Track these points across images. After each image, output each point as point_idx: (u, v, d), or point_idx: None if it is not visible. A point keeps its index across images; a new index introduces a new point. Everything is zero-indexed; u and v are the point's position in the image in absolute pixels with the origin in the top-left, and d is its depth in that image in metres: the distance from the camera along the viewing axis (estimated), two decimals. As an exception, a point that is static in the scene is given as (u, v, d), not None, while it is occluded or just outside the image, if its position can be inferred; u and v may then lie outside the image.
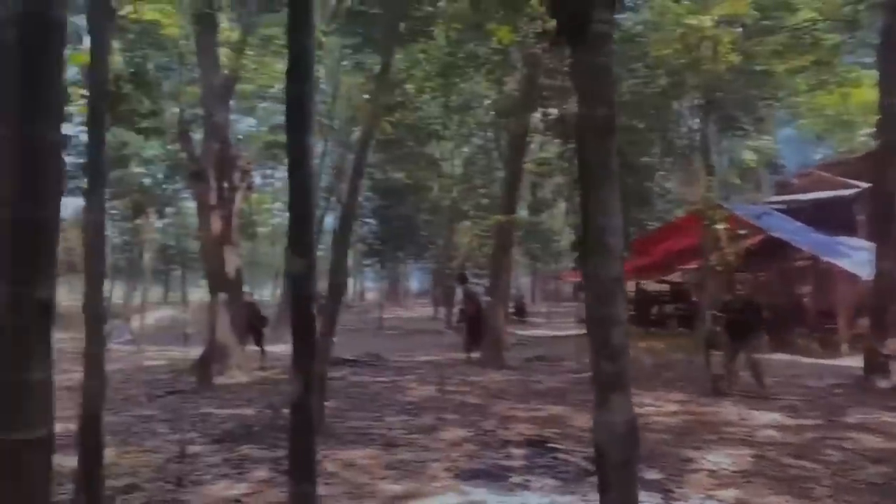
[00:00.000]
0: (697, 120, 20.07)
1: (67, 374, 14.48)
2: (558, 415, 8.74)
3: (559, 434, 7.57)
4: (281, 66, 20.99)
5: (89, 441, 4.28)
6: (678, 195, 28.11)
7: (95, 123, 4.48)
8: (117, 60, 5.55)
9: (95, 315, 4.39)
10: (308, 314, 3.11)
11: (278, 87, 25.61)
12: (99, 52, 4.60)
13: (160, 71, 15.89)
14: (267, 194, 40.06)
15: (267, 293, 40.91)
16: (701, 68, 15.03)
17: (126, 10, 9.31)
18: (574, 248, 16.15)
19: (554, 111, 17.02)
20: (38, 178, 1.59)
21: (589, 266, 2.54)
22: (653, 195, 23.98)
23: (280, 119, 28.74)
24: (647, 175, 21.95)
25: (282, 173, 45.37)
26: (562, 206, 32.00)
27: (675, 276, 24.82)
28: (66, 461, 6.84)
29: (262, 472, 6.13)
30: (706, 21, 14.02)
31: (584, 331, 20.37)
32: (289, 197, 3.24)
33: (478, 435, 7.56)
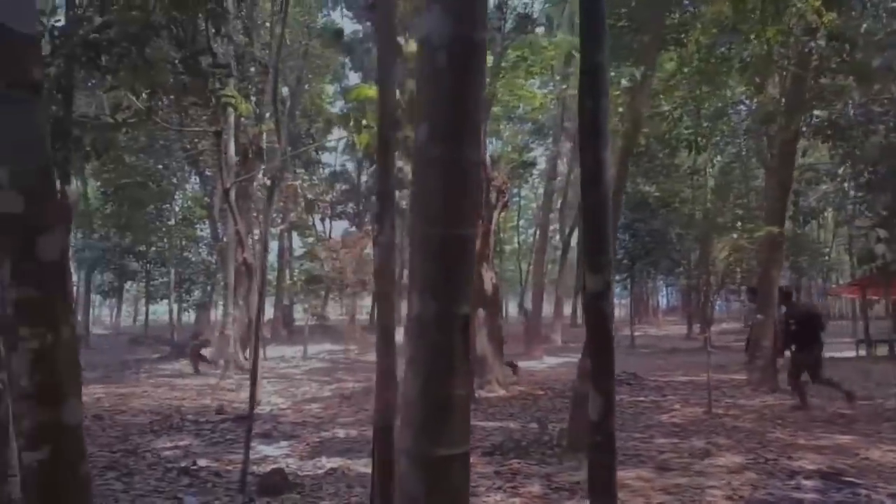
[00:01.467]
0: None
1: (343, 383, 15.81)
2: (848, 445, 7.88)
3: (854, 467, 6.82)
4: (527, 86, 21.40)
5: (383, 452, 4.28)
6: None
7: (385, 151, 4.77)
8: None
9: (387, 329, 4.51)
10: (606, 332, 3.03)
11: (524, 108, 26.11)
12: (386, 83, 4.90)
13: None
14: (512, 212, 40.92)
15: (513, 309, 41.67)
16: None
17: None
18: (862, 261, 14.48)
19: (822, 113, 15.56)
20: (463, 196, 1.66)
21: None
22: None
23: (525, 140, 29.42)
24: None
25: (525, 192, 46.36)
26: (829, 215, 29.23)
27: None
28: (352, 465, 7.41)
29: (534, 488, 6.17)
30: None
31: (864, 353, 18.46)
32: (584, 214, 3.19)
33: (758, 463, 7.03)
